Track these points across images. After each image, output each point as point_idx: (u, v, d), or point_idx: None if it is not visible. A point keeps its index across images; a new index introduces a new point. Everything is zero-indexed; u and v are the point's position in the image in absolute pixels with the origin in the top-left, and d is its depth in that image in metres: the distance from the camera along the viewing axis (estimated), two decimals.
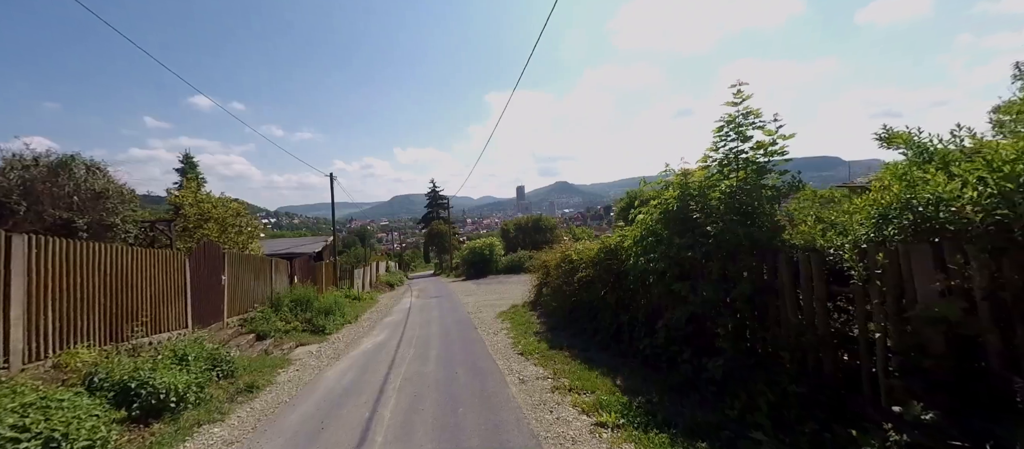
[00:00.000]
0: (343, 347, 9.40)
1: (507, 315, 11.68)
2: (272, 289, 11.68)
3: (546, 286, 10.89)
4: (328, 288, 18.88)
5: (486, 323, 10.87)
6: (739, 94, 4.81)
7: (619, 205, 32.21)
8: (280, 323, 10.28)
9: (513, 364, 6.64)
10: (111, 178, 8.25)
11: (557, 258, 10.33)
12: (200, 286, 8.26)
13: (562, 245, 10.77)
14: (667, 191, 5.59)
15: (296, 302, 11.84)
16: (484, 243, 31.75)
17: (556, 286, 9.59)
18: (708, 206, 5.13)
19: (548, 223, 40.89)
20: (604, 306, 7.28)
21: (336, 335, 10.83)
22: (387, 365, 7.18)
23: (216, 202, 12.40)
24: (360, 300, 18.57)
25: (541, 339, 8.13)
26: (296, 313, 11.32)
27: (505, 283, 23.09)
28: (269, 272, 11.71)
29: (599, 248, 7.55)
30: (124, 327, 6.15)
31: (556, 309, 9.47)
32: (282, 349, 9.06)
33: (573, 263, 8.66)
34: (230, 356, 6.80)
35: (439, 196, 66.95)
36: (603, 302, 7.27)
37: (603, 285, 7.13)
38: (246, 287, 10.38)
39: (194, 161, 19.31)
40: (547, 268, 11.94)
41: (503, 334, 9.20)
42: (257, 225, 13.57)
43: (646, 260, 5.82)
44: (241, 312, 10.01)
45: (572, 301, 8.39)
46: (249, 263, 10.56)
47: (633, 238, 6.47)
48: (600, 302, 7.36)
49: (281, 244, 22.77)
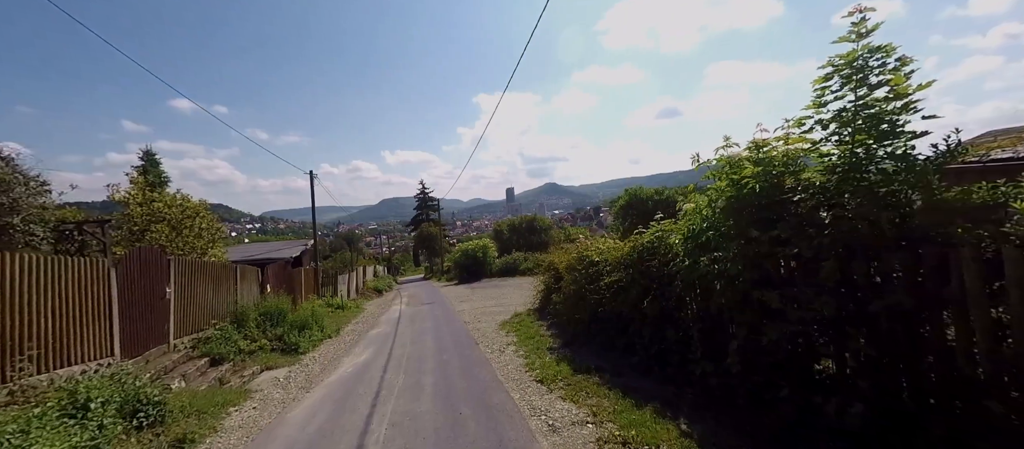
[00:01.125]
0: (318, 371, 7.81)
1: (510, 325, 10.20)
2: (237, 301, 10.03)
3: (557, 292, 9.43)
4: (308, 297, 17.17)
5: (487, 336, 9.37)
6: (860, 24, 3.41)
7: (618, 203, 30.94)
8: (243, 342, 8.65)
9: (533, 398, 5.14)
10: (16, 166, 6.54)
11: (569, 259, 8.88)
12: (134, 302, 6.62)
13: (576, 244, 9.33)
14: (742, 169, 4.17)
15: (266, 315, 10.20)
16: (477, 245, 30.17)
17: (571, 292, 8.13)
18: (810, 185, 3.73)
19: (543, 223, 39.44)
20: (640, 318, 5.84)
21: (312, 354, 9.21)
22: (369, 400, 5.63)
23: (171, 201, 10.67)
24: (344, 309, 16.91)
25: (559, 358, 6.66)
26: (265, 329, 9.68)
27: (501, 287, 21.59)
28: (233, 281, 10.05)
29: (631, 247, 6.11)
30: (3, 363, 4.52)
31: (572, 319, 8.02)
32: (242, 376, 7.44)
33: (594, 265, 7.21)
34: (161, 395, 5.19)
35: (429, 198, 65.17)
36: (639, 313, 5.83)
37: (640, 292, 5.70)
38: (202, 300, 8.73)
39: (156, 158, 17.51)
40: (556, 271, 10.49)
41: (511, 351, 7.71)
42: (220, 228, 11.85)
43: (709, 260, 4.39)
44: (195, 330, 8.36)
45: (596, 310, 6.94)
46: (206, 272, 8.91)
47: (683, 234, 5.05)
48: (635, 313, 5.92)
49: (256, 249, 20.92)
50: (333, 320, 14.02)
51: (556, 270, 10.53)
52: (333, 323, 13.41)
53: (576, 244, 9.14)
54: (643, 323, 5.82)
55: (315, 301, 16.96)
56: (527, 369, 6.40)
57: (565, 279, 8.48)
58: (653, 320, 5.62)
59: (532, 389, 5.46)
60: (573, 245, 9.38)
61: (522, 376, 6.09)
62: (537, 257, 30.09)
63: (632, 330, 6.10)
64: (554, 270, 10.72)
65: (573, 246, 9.18)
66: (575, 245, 8.83)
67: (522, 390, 5.44)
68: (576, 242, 9.75)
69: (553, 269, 10.83)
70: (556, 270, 10.53)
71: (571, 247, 9.39)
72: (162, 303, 7.37)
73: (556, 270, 10.53)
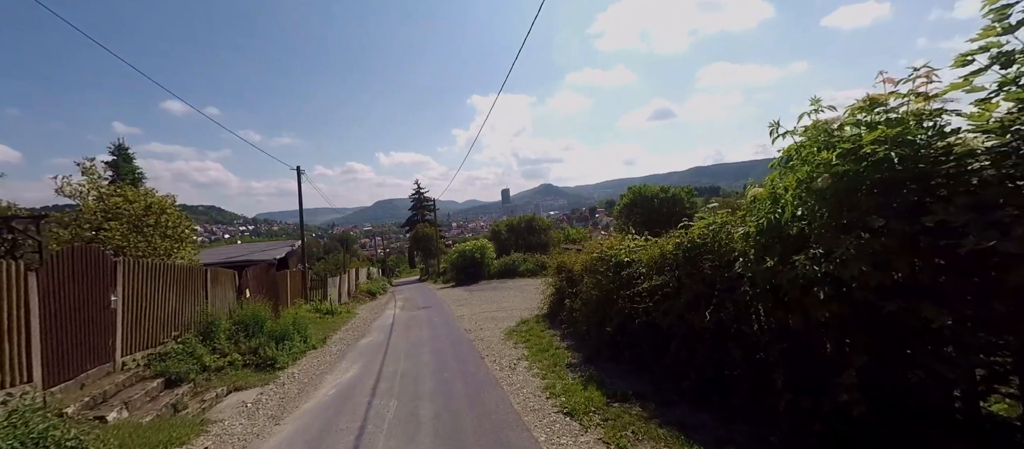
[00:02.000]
0: (295, 393, 6.60)
1: (518, 335, 9.03)
2: (207, 309, 8.79)
3: (573, 297, 8.27)
4: (295, 301, 15.91)
5: (493, 347, 8.19)
6: None
7: (622, 202, 29.82)
8: (210, 357, 7.41)
9: (565, 440, 3.97)
10: None
11: (587, 259, 7.74)
12: (64, 313, 5.38)
13: (594, 242, 8.18)
14: (867, 132, 3.04)
15: (240, 325, 8.96)
16: (475, 245, 28.94)
17: (592, 298, 6.98)
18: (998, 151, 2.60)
19: (542, 223, 38.30)
20: (689, 332, 4.69)
21: (290, 371, 7.98)
22: (351, 440, 4.44)
23: (134, 195, 9.39)
24: (334, 314, 15.66)
25: (585, 379, 5.51)
26: (238, 341, 8.44)
27: (501, 289, 20.41)
28: (202, 287, 8.80)
29: (676, 245, 4.96)
30: None
31: (594, 330, 6.87)
32: (202, 401, 6.22)
33: (623, 267, 6.05)
34: (83, 435, 3.97)
35: (424, 198, 63.82)
36: (687, 326, 4.69)
37: (691, 300, 4.55)
38: (162, 309, 7.49)
39: (130, 153, 16.15)
40: (568, 272, 9.34)
41: (524, 368, 6.54)
42: (190, 225, 10.58)
43: (808, 260, 3.26)
44: (151, 345, 7.11)
45: (627, 321, 5.78)
46: (168, 276, 7.66)
47: (752, 226, 3.93)
48: (682, 326, 4.77)
49: (239, 250, 19.60)
50: (320, 328, 12.78)
51: (569, 272, 9.39)
52: (319, 331, 12.17)
53: (592, 241, 7.98)
54: (695, 339, 4.67)
55: (302, 306, 15.71)
56: (548, 394, 5.23)
57: (584, 282, 7.32)
58: (710, 335, 4.48)
59: (560, 426, 4.28)
60: (590, 243, 8.24)
61: (544, 405, 4.92)
62: (538, 258, 29.05)
63: (676, 347, 4.95)
64: (566, 272, 9.57)
65: (591, 244, 8.03)
66: (595, 243, 7.67)
67: (548, 428, 4.26)
68: (586, 241, 8.64)
69: (565, 271, 9.69)
70: (569, 272, 9.39)
71: (589, 245, 8.24)
72: (106, 314, 6.13)
73: (569, 272, 9.39)
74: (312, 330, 12.00)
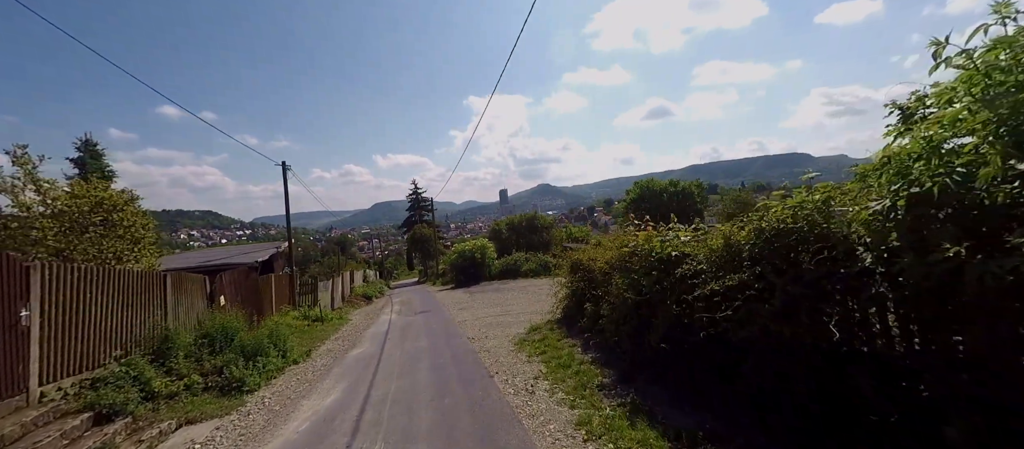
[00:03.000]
0: (259, 428, 5.30)
1: (530, 344, 7.75)
2: (166, 321, 7.49)
3: (596, 300, 6.98)
4: (280, 308, 14.60)
5: (502, 361, 6.92)
6: None
7: (629, 197, 28.60)
8: (160, 381, 6.12)
9: None
10: None
11: (615, 255, 6.46)
12: None
13: (620, 235, 6.91)
14: None
15: (206, 339, 7.67)
16: (475, 245, 27.60)
17: (625, 302, 5.69)
18: None
19: (543, 221, 36.95)
20: (781, 351, 3.42)
21: (261, 394, 6.68)
22: None
23: (81, 190, 8.06)
24: (324, 322, 14.34)
25: (626, 407, 4.25)
26: (201, 358, 7.14)
27: (503, 291, 19.12)
28: (158, 295, 7.49)
29: (753, 231, 3.69)
30: None
31: (628, 341, 5.59)
32: (139, 441, 4.92)
33: (671, 263, 4.77)
34: None
35: (421, 198, 62.45)
36: (776, 342, 3.42)
37: (786, 304, 3.29)
38: (102, 324, 6.19)
39: (99, 149, 14.76)
40: (587, 272, 8.06)
41: (544, 391, 5.27)
42: (149, 224, 9.26)
43: None
44: (84, 368, 5.81)
45: (685, 333, 4.50)
46: (108, 284, 6.36)
47: (899, 198, 2.65)
48: (766, 340, 3.51)
49: (215, 253, 18.24)
50: (305, 338, 11.49)
51: (586, 271, 8.11)
52: (304, 342, 10.88)
53: (616, 236, 6.71)
54: (787, 359, 3.40)
55: (289, 314, 14.41)
56: (584, 434, 3.95)
57: (614, 283, 6.03)
58: (818, 355, 3.21)
59: None
60: (615, 236, 6.97)
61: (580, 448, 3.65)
62: (540, 257, 27.75)
63: (754, 367, 3.68)
64: (584, 271, 8.30)
65: (619, 237, 6.74)
66: (623, 235, 6.38)
67: None
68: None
69: (582, 269, 8.41)
70: (586, 271, 8.11)
71: (614, 238, 6.97)
72: (13, 333, 4.83)
73: (586, 271, 8.11)
74: (295, 341, 10.72)
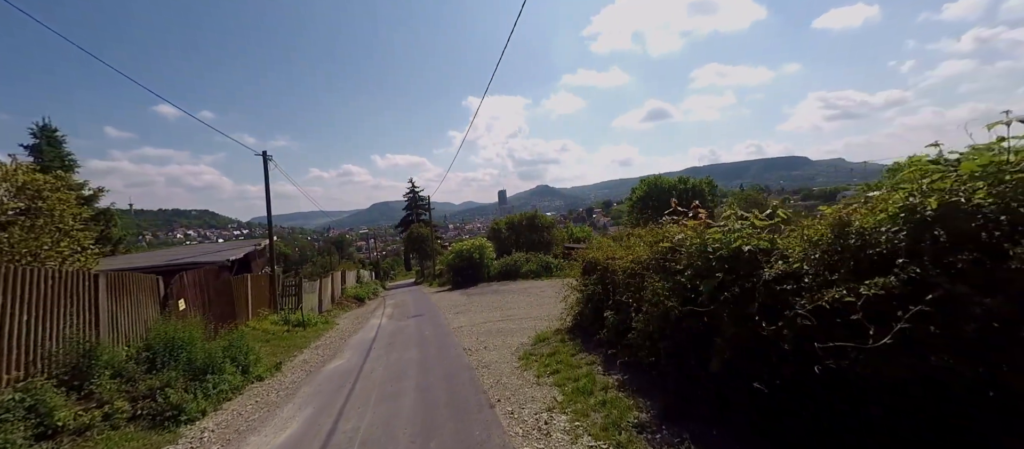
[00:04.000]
0: None
1: (538, 360, 6.44)
2: (94, 332, 6.15)
3: (620, 309, 5.67)
4: (258, 312, 13.25)
5: (506, 382, 5.61)
6: None
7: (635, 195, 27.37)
8: (68, 412, 4.76)
9: None
10: None
11: (648, 253, 5.16)
12: None
13: (650, 230, 5.60)
14: None
15: (147, 353, 6.34)
16: (473, 245, 26.25)
17: (666, 313, 4.38)
18: None
19: (544, 220, 35.59)
20: (959, 397, 2.14)
21: (202, 425, 5.33)
22: None
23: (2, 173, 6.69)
24: (306, 327, 12.98)
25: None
26: (135, 378, 5.80)
27: (503, 293, 17.80)
28: (87, 301, 6.15)
29: (904, 210, 2.40)
30: None
31: (670, 364, 4.30)
32: None
33: (743, 262, 3.47)
34: None
35: (419, 197, 61.09)
36: (944, 382, 2.14)
37: (979, 333, 2.02)
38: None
39: (58, 136, 13.37)
40: (607, 274, 6.74)
41: (562, 430, 3.96)
42: (80, 215, 7.88)
43: None
44: None
45: (762, 363, 3.21)
46: (13, 287, 5.03)
47: None
48: (923, 379, 2.23)
49: (180, 252, 16.81)
50: (280, 347, 10.15)
51: (606, 272, 6.80)
52: (278, 352, 9.55)
53: (655, 229, 5.38)
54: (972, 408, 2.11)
55: (267, 318, 13.07)
56: None
57: (650, 288, 4.71)
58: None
59: None
60: (651, 230, 5.65)
61: None
62: (541, 258, 26.40)
63: (896, 418, 2.39)
64: (601, 272, 6.99)
65: (655, 230, 5.42)
66: (665, 228, 5.06)
67: None
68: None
69: (598, 270, 7.10)
70: (606, 272, 6.80)
71: (648, 233, 5.64)
72: None
73: (606, 272, 6.80)
74: (267, 351, 9.39)
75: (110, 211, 17.14)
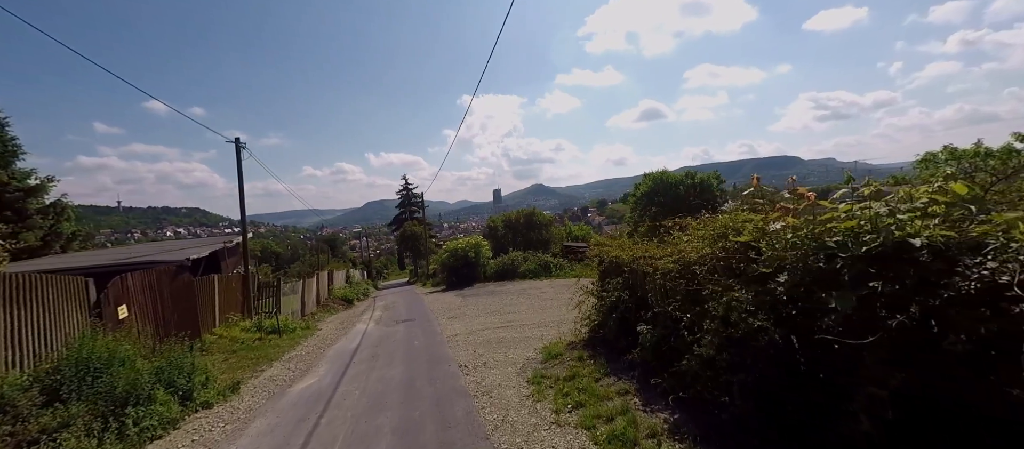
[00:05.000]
0: None
1: (552, 384, 5.11)
2: None
3: (658, 321, 4.34)
4: (227, 317, 11.82)
5: (515, 422, 4.27)
6: None
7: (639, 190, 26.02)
8: None
9: None
10: None
11: (696, 250, 3.86)
12: None
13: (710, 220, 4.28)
14: None
15: (54, 379, 4.93)
16: (469, 243, 24.86)
17: (749, 334, 3.08)
18: None
19: (542, 218, 34.21)
20: None
21: None
22: None
23: None
24: (282, 334, 11.55)
25: None
26: (24, 417, 4.40)
27: (501, 295, 16.47)
28: None
29: None
30: None
31: (750, 405, 3.01)
32: None
33: (890, 259, 2.18)
34: None
35: (412, 194, 59.52)
36: None
37: None
38: None
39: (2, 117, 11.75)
40: (635, 276, 5.41)
41: None
42: None
43: None
44: None
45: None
46: None
47: None
48: None
49: (141, 250, 15.26)
50: (246, 359, 8.74)
51: (634, 273, 5.48)
52: (240, 367, 8.15)
53: (735, 215, 4.06)
54: None
55: (237, 324, 11.64)
56: None
57: (720, 299, 3.38)
58: None
59: None
60: (721, 219, 4.32)
61: None
62: (540, 257, 25.05)
63: None
64: (628, 273, 5.66)
65: (724, 219, 4.10)
66: (745, 215, 3.74)
67: None
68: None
69: (625, 271, 5.78)
70: (634, 273, 5.48)
71: (708, 223, 4.32)
72: None
73: (634, 273, 5.48)
74: (226, 366, 8.00)
75: (62, 203, 15.59)
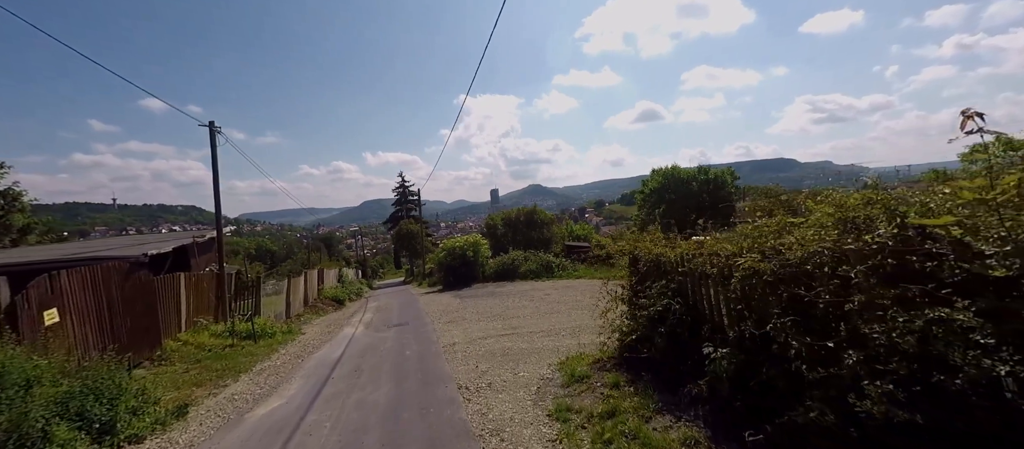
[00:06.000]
0: None
1: (586, 426, 3.88)
2: None
3: (728, 339, 3.13)
4: (195, 321, 10.51)
5: None
6: None
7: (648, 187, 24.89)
8: None
9: None
10: None
11: (796, 247, 2.64)
12: None
13: (829, 195, 3.08)
14: None
15: None
16: (467, 242, 23.57)
17: (978, 375, 1.88)
18: None
19: (543, 216, 32.89)
20: None
21: None
22: None
23: None
24: (258, 339, 10.25)
25: None
26: None
27: (501, 296, 15.21)
28: None
29: None
30: None
31: None
32: None
33: None
34: None
35: (409, 192, 58.20)
36: None
37: None
38: None
39: None
40: (687, 278, 4.18)
41: None
42: None
43: None
44: None
45: None
46: None
47: None
48: None
49: (95, 245, 13.89)
50: (210, 371, 7.45)
51: (688, 276, 4.24)
52: (198, 381, 6.86)
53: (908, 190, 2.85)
54: None
55: (206, 330, 10.33)
56: None
57: (889, 319, 2.15)
58: None
59: None
60: (856, 194, 3.09)
61: None
62: (542, 256, 23.79)
63: None
64: (680, 277, 4.43)
65: (849, 197, 2.89)
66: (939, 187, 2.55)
67: None
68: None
69: (677, 274, 4.54)
70: (688, 276, 4.24)
71: (831, 198, 3.09)
72: None
73: (688, 276, 4.24)
74: (182, 381, 6.74)
75: (13, 192, 14.23)
